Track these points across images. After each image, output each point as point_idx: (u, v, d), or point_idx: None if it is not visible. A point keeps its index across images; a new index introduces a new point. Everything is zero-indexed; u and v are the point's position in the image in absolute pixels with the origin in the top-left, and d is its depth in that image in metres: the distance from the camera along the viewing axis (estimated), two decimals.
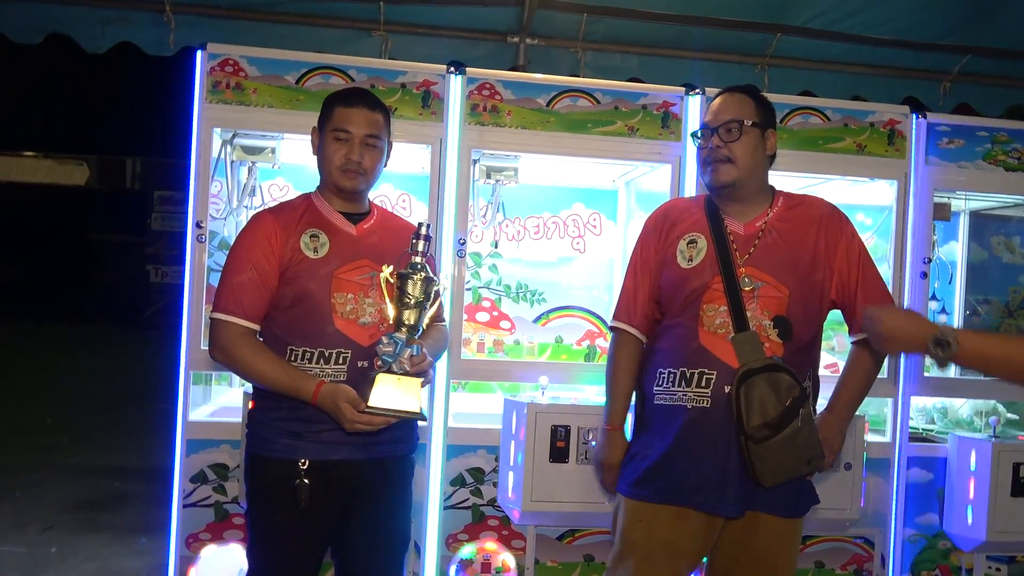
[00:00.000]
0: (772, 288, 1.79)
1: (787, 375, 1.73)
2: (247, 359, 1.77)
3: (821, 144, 2.71)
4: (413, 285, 1.70)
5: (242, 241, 1.83)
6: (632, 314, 1.93)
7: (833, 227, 1.86)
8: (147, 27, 3.38)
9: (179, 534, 2.45)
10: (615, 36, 3.59)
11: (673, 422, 1.80)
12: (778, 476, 1.73)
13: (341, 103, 1.85)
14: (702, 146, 1.88)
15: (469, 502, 2.57)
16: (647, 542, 1.81)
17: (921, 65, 3.80)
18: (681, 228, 1.90)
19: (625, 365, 1.93)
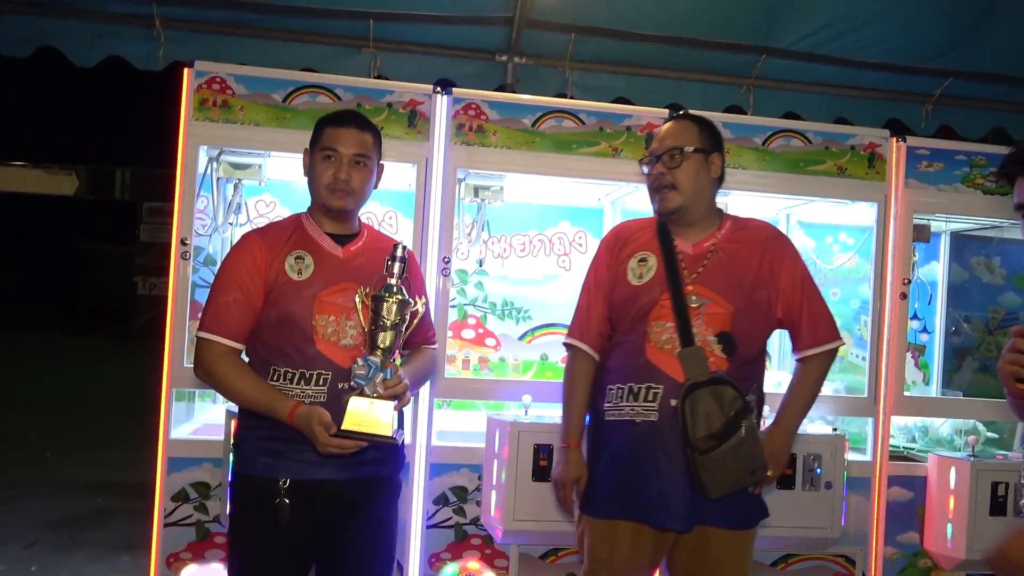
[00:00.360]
0: (717, 305, 1.86)
1: (731, 388, 1.79)
2: (228, 379, 1.79)
3: (802, 166, 2.75)
4: (387, 308, 1.71)
5: (229, 261, 1.84)
6: (585, 332, 1.97)
7: (777, 249, 1.94)
8: (137, 42, 3.39)
9: (160, 553, 2.43)
10: (602, 56, 3.63)
11: (623, 437, 1.86)
12: (723, 488, 1.79)
13: (331, 123, 1.87)
14: (648, 173, 1.95)
15: (452, 521, 2.56)
16: (611, 560, 1.88)
17: (904, 88, 3.85)
18: (632, 247, 1.96)
19: (579, 383, 1.98)
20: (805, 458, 2.50)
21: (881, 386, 2.77)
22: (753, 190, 2.75)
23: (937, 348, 3.31)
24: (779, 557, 2.72)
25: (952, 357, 3.32)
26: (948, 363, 3.33)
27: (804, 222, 3.23)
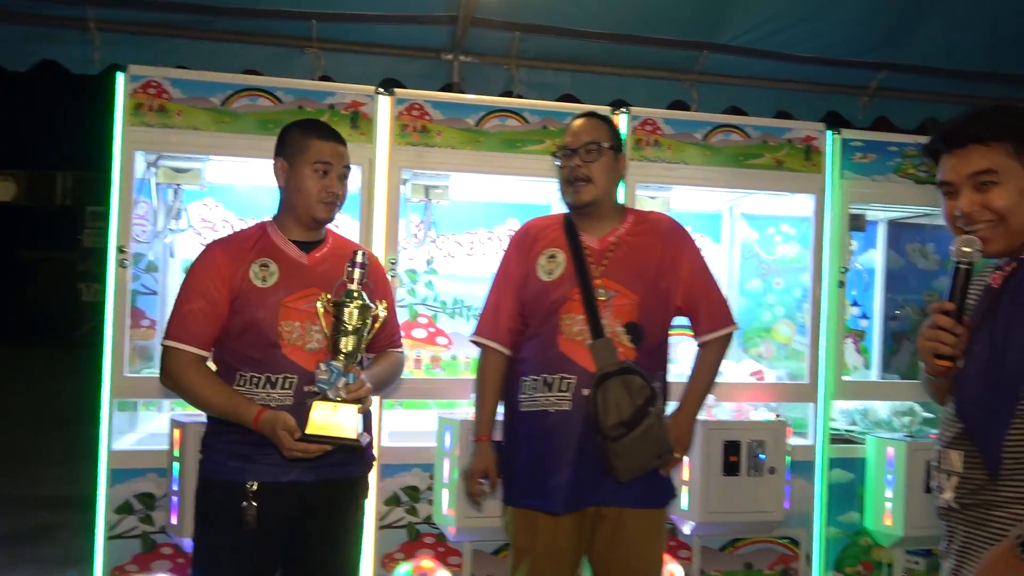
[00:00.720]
0: (624, 297, 1.94)
1: (639, 377, 1.87)
2: (193, 386, 1.81)
3: (742, 160, 2.81)
4: (349, 313, 1.72)
5: (193, 271, 1.86)
6: (495, 329, 2.03)
7: (676, 241, 2.03)
8: (71, 45, 3.29)
9: (105, 567, 2.39)
10: (547, 53, 3.65)
11: (538, 427, 1.93)
12: (632, 471, 1.87)
13: (316, 136, 1.88)
14: (563, 166, 1.99)
15: (404, 521, 2.57)
16: (532, 547, 1.94)
17: (841, 81, 3.95)
18: (541, 244, 2.02)
19: (491, 379, 2.04)
20: (749, 444, 2.57)
21: (821, 371, 2.86)
22: (695, 185, 2.81)
23: (876, 333, 3.43)
24: (726, 542, 2.79)
25: (891, 341, 3.45)
26: (887, 347, 3.45)
27: (747, 214, 3.30)
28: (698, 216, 3.31)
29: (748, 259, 3.32)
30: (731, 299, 3.28)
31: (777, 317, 3.22)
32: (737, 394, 2.83)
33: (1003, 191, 1.36)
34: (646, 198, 2.87)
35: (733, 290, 3.32)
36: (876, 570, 2.94)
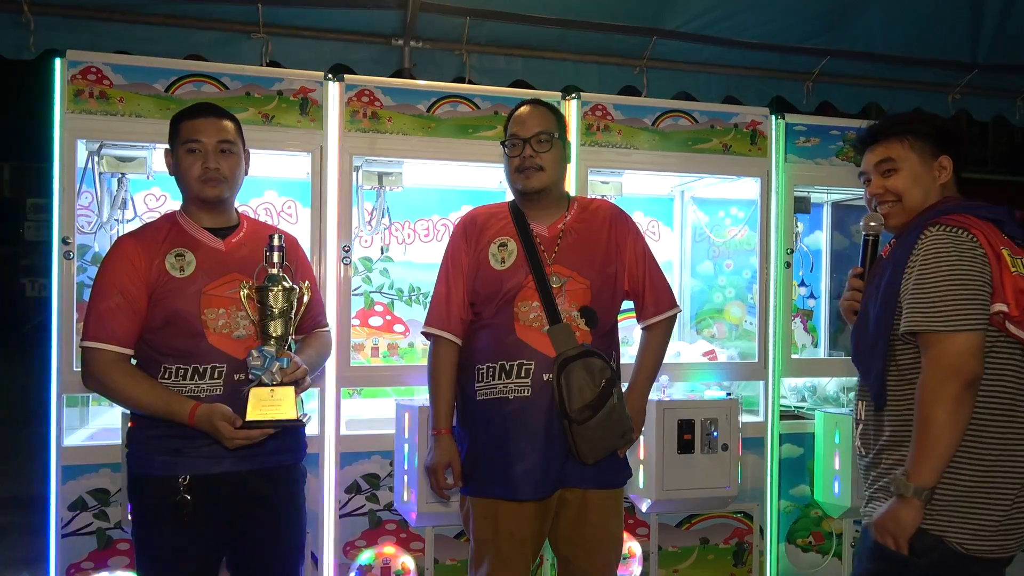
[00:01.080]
0: (576, 282, 1.97)
1: (599, 359, 1.91)
2: (120, 386, 1.77)
3: (690, 145, 2.86)
4: (273, 297, 1.72)
5: (105, 267, 1.81)
6: (447, 320, 2.03)
7: (620, 227, 2.07)
8: (4, 29, 3.16)
9: (58, 565, 2.34)
10: (498, 39, 3.65)
11: (497, 414, 1.94)
12: (599, 452, 1.92)
13: (186, 117, 1.85)
14: (512, 155, 2.01)
15: (365, 508, 2.57)
16: (495, 538, 1.95)
17: (787, 67, 4.03)
18: (490, 233, 2.03)
19: (444, 370, 2.04)
20: (702, 423, 2.64)
21: (770, 350, 2.95)
22: (646, 169, 2.86)
23: (823, 312, 3.54)
24: (683, 518, 2.87)
25: (837, 320, 3.56)
26: (833, 326, 3.56)
27: (697, 198, 3.37)
28: (650, 200, 3.37)
29: (699, 242, 3.39)
30: (684, 281, 3.37)
31: (728, 298, 3.31)
32: (690, 374, 2.90)
33: (900, 177, 1.70)
34: (598, 183, 2.90)
35: (686, 273, 3.39)
36: (826, 540, 3.05)
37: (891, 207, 1.70)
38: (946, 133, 1.72)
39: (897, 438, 1.61)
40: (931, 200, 1.70)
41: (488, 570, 1.96)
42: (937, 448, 1.51)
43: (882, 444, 1.64)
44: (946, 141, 1.72)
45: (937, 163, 1.70)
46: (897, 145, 1.70)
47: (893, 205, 1.70)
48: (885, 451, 1.63)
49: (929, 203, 1.69)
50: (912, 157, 1.70)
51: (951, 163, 1.70)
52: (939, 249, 1.55)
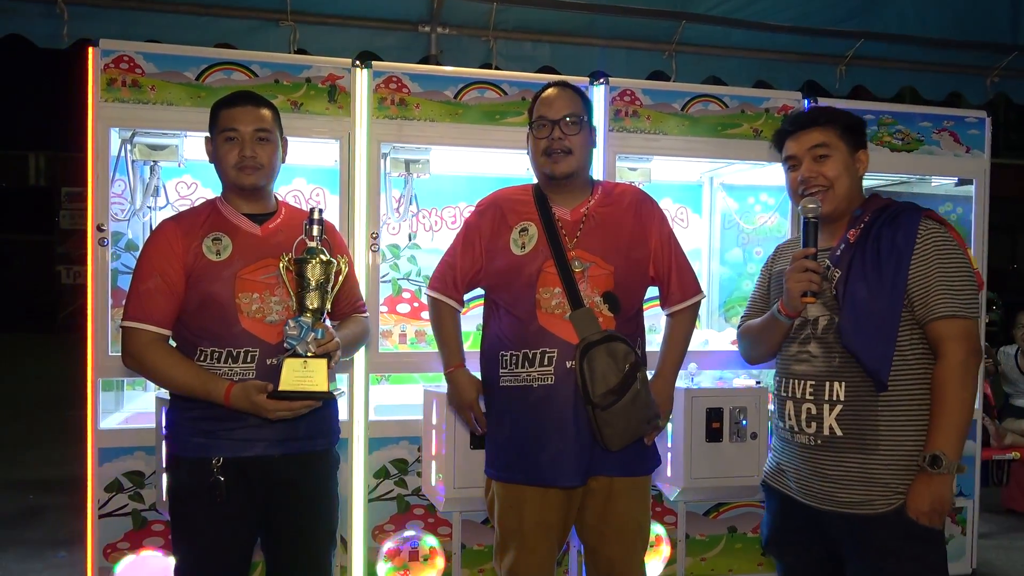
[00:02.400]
0: (599, 268, 1.95)
1: (622, 344, 1.89)
2: (158, 366, 1.79)
3: (720, 130, 2.82)
4: (311, 269, 1.73)
5: (146, 250, 1.84)
6: (450, 287, 2.06)
7: (646, 212, 2.04)
8: (38, 19, 3.23)
9: (96, 545, 2.40)
10: (525, 24, 3.63)
11: (522, 402, 1.93)
12: (625, 438, 1.90)
13: (224, 105, 1.87)
14: (540, 137, 1.98)
15: (394, 493, 2.60)
16: (520, 526, 1.95)
17: (819, 50, 3.97)
18: (513, 217, 2.01)
19: (448, 325, 2.08)
20: (731, 411, 2.61)
21: None
22: (675, 155, 2.82)
23: None
24: (711, 507, 2.86)
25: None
26: None
27: (726, 184, 3.33)
28: (678, 187, 3.33)
29: (728, 229, 3.35)
30: (712, 269, 3.34)
31: None
32: (719, 362, 2.87)
33: (833, 163, 1.77)
34: (626, 169, 2.88)
35: (714, 260, 3.36)
36: None
37: (823, 192, 1.76)
38: (862, 127, 1.83)
39: (897, 423, 1.68)
40: (854, 191, 1.80)
41: (513, 559, 1.96)
42: (966, 424, 1.64)
43: (879, 429, 1.68)
44: (862, 135, 1.83)
45: (856, 156, 1.80)
46: (830, 132, 1.78)
47: (825, 191, 1.76)
48: (883, 436, 1.68)
49: (852, 194, 1.79)
50: (842, 147, 1.78)
51: (867, 157, 1.83)
52: (947, 243, 1.68)
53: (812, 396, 1.76)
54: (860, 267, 1.70)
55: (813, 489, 1.75)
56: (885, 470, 1.68)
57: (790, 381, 1.82)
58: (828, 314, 1.76)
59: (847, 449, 1.71)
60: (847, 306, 1.70)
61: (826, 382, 1.74)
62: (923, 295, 1.66)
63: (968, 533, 3.10)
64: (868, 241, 1.71)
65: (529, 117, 2.04)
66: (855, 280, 1.70)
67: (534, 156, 2.01)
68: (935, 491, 1.63)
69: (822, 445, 1.74)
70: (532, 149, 2.01)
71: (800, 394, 1.78)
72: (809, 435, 1.76)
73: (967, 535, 3.10)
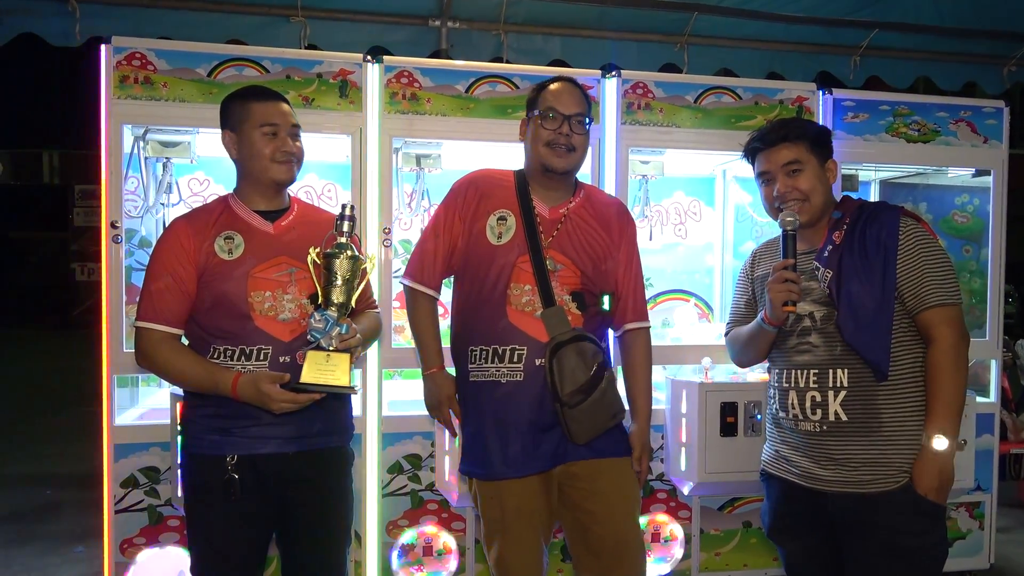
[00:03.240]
0: (568, 270, 1.94)
1: (591, 343, 1.90)
2: (168, 363, 1.80)
3: (733, 122, 2.80)
4: (339, 264, 1.73)
5: (158, 250, 1.84)
6: (429, 275, 2.01)
7: (623, 225, 2.05)
8: (51, 17, 3.24)
9: (113, 540, 2.41)
10: (536, 18, 3.61)
11: (490, 396, 1.92)
12: (591, 433, 1.91)
13: (257, 99, 1.86)
14: (547, 127, 1.94)
15: (407, 488, 2.60)
16: (502, 516, 1.94)
17: (832, 41, 3.93)
18: (492, 203, 1.97)
19: (426, 319, 2.04)
20: (746, 406, 2.60)
21: None
22: (687, 147, 2.80)
23: None
24: (725, 501, 2.84)
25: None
26: None
27: (739, 177, 3.30)
28: (691, 180, 3.31)
29: (742, 222, 3.32)
30: (725, 262, 3.32)
31: None
32: None
33: (806, 177, 1.85)
34: (638, 163, 2.86)
35: (728, 253, 3.33)
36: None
37: (798, 205, 1.85)
38: (828, 138, 1.92)
39: (898, 405, 1.77)
40: (828, 198, 1.88)
41: (500, 549, 1.94)
42: (961, 402, 1.75)
43: (882, 412, 1.76)
44: (829, 145, 1.92)
45: (826, 167, 1.90)
46: (800, 147, 1.86)
47: (800, 204, 1.85)
48: (885, 419, 1.76)
49: (827, 202, 1.88)
50: (812, 160, 1.87)
51: (836, 165, 1.93)
52: (927, 238, 1.79)
53: (816, 384, 1.82)
54: (851, 265, 1.79)
55: (819, 473, 1.81)
56: (890, 450, 1.76)
57: (792, 371, 1.87)
58: (824, 308, 1.83)
59: (853, 433, 1.78)
60: (843, 303, 1.78)
61: (829, 369, 1.81)
62: (913, 288, 1.76)
63: (986, 528, 3.08)
64: (854, 241, 1.81)
65: (530, 107, 2.00)
66: (848, 278, 1.78)
67: (534, 145, 1.97)
68: (941, 468, 1.72)
69: (828, 431, 1.80)
70: (532, 137, 1.97)
71: (804, 383, 1.84)
72: (814, 422, 1.82)
73: (985, 530, 3.08)
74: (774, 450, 1.96)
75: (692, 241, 3.32)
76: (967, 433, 2.74)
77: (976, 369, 3.16)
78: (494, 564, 1.97)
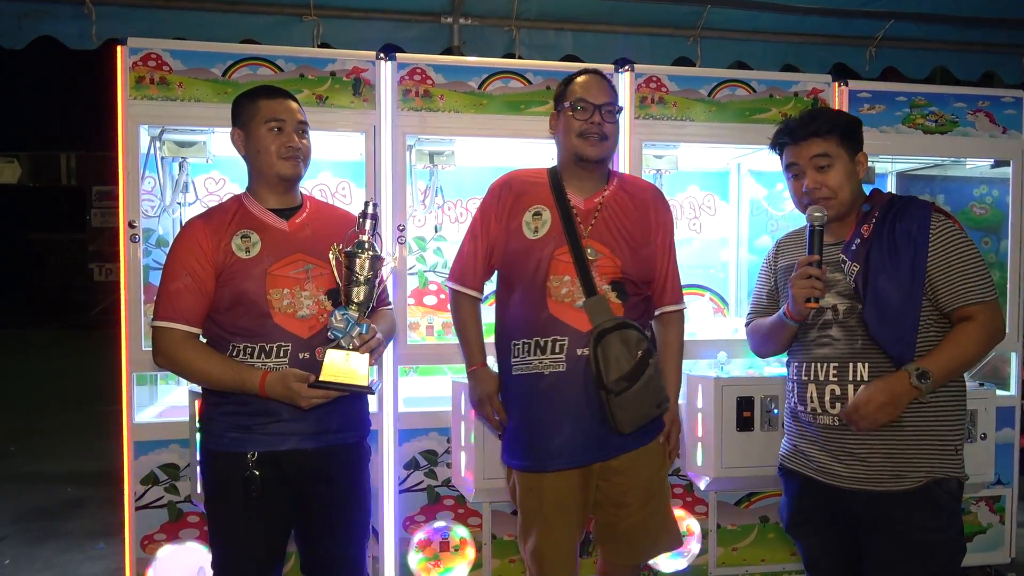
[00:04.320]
0: (608, 259, 1.96)
1: (635, 331, 1.91)
2: (191, 362, 1.81)
3: (748, 115, 2.78)
4: (360, 263, 1.74)
5: (175, 249, 1.85)
6: (471, 277, 2.06)
7: (659, 210, 2.07)
8: (67, 20, 3.28)
9: (134, 537, 2.44)
10: (548, 13, 3.61)
11: (532, 389, 1.94)
12: (636, 422, 1.92)
13: (264, 97, 1.88)
14: (579, 118, 1.97)
15: (424, 484, 2.61)
16: (540, 508, 1.96)
17: (847, 32, 3.89)
18: (526, 200, 2.01)
19: (470, 319, 2.09)
20: (762, 400, 2.58)
21: None
22: (701, 141, 2.79)
23: None
24: (742, 497, 2.83)
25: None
26: None
27: (754, 170, 3.28)
28: (706, 174, 3.29)
29: (757, 216, 3.30)
30: (740, 256, 3.30)
31: None
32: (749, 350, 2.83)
33: (835, 172, 1.81)
34: (652, 157, 2.85)
35: (743, 247, 3.32)
36: None
37: (826, 201, 1.81)
38: (859, 129, 1.88)
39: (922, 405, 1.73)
40: (857, 193, 1.85)
41: (536, 541, 1.97)
42: (962, 366, 1.74)
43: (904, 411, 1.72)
44: (859, 138, 1.88)
45: (856, 160, 1.86)
46: (830, 142, 1.82)
47: (828, 199, 1.81)
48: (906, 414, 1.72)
49: (856, 197, 1.84)
50: (842, 154, 1.83)
51: (866, 158, 1.87)
52: (960, 235, 1.75)
53: (836, 377, 1.79)
54: (879, 260, 1.75)
55: (837, 468, 1.79)
56: (910, 449, 1.73)
57: (811, 364, 1.84)
58: (847, 302, 1.80)
59: (872, 428, 1.74)
60: (870, 298, 1.75)
61: (850, 363, 1.78)
62: (947, 285, 1.73)
63: (1007, 522, 3.04)
64: (883, 235, 1.77)
65: (558, 101, 2.03)
66: (876, 273, 1.75)
67: (566, 137, 2.00)
68: (902, 392, 1.70)
69: (846, 425, 1.77)
70: (564, 130, 2.00)
71: (823, 376, 1.81)
72: (833, 415, 1.79)
73: (1006, 524, 3.04)
74: (792, 444, 1.94)
75: (707, 235, 3.31)
76: (987, 427, 2.72)
77: (996, 362, 3.13)
78: (530, 555, 1.99)
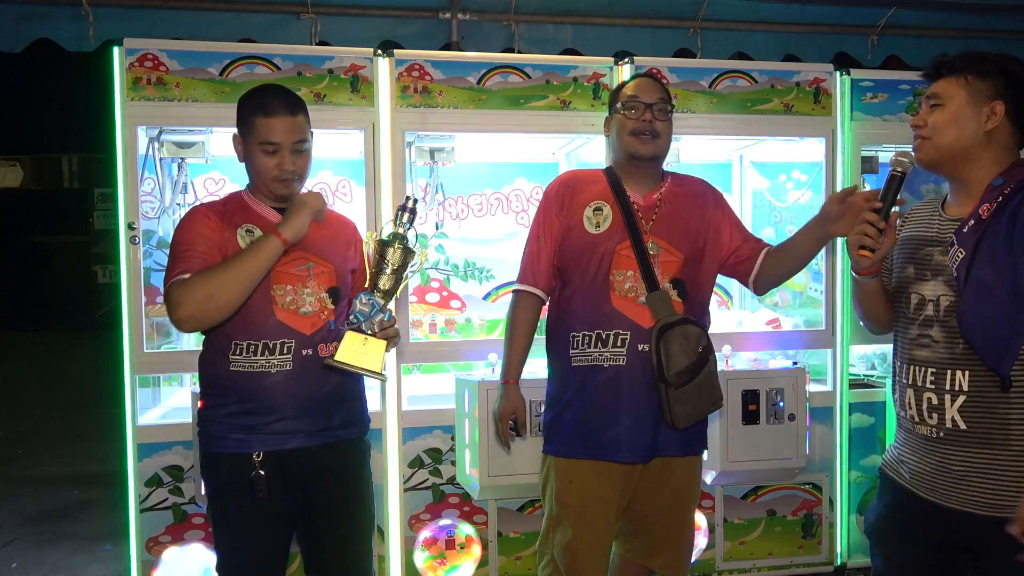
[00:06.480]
0: (669, 254, 1.98)
1: (696, 327, 1.95)
2: (207, 281, 1.68)
3: (750, 106, 2.76)
4: (392, 253, 1.75)
5: (184, 226, 1.80)
6: (538, 277, 2.06)
7: (714, 196, 2.11)
8: (65, 22, 3.27)
9: (139, 539, 2.44)
10: (547, 7, 3.58)
11: (591, 381, 1.96)
12: (691, 418, 1.94)
13: (261, 113, 1.79)
14: (630, 117, 1.98)
15: (429, 482, 2.60)
16: (580, 502, 1.96)
17: (849, 20, 3.86)
18: (585, 196, 2.02)
19: (524, 324, 2.08)
20: (768, 393, 2.57)
21: (838, 317, 2.84)
22: (703, 133, 2.77)
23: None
24: (749, 490, 2.82)
25: None
26: None
27: (756, 162, 3.26)
28: (708, 167, 3.26)
29: (760, 207, 3.28)
30: None
31: None
32: (754, 343, 2.82)
33: (942, 113, 1.58)
34: None
35: None
36: None
37: (921, 141, 1.60)
38: (1018, 81, 1.57)
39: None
40: (966, 143, 1.57)
41: (572, 534, 1.95)
42: None
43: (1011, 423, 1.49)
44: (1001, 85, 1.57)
45: (988, 107, 1.56)
46: (952, 82, 1.58)
47: (924, 140, 1.60)
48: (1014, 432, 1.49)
49: (963, 145, 1.56)
50: (961, 95, 1.57)
51: (1003, 109, 1.56)
52: None
53: (933, 385, 1.57)
54: (990, 249, 1.48)
55: (936, 484, 1.57)
56: (1016, 469, 1.50)
57: (911, 367, 1.62)
58: (952, 295, 1.56)
59: (972, 444, 1.52)
60: (968, 291, 1.50)
61: (947, 370, 1.55)
62: None
63: None
64: (1003, 219, 1.48)
65: (612, 104, 2.05)
66: (982, 264, 1.49)
67: (619, 136, 2.01)
68: None
69: (945, 438, 1.55)
70: (617, 129, 2.02)
71: (921, 382, 1.60)
72: (931, 426, 1.57)
73: None
74: (897, 451, 1.70)
75: None
76: None
77: None
78: (562, 549, 1.98)
